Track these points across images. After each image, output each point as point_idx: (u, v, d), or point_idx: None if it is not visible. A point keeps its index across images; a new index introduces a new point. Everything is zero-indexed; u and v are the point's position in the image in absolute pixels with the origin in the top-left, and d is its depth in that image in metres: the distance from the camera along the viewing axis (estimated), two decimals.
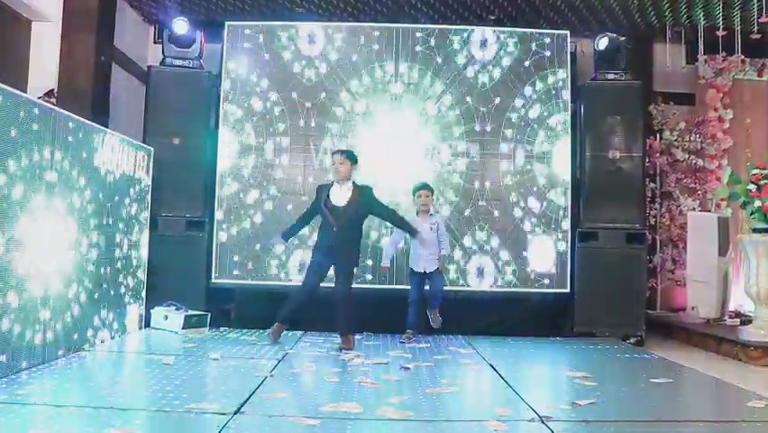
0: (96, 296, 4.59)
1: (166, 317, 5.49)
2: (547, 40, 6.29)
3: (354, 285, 5.22)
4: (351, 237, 5.09)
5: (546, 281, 6.11)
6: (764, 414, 3.17)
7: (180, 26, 6.07)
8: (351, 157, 5.14)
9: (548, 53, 6.27)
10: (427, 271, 5.51)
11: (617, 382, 3.91)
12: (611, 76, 6.24)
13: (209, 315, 5.65)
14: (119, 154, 4.96)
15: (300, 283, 5.30)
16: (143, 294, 5.54)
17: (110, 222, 4.83)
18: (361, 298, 5.51)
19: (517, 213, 6.17)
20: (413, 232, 5.28)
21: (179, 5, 6.75)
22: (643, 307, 6.08)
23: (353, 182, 5.13)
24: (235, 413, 2.95)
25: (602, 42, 6.27)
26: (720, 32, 6.73)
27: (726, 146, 7.41)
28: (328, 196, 5.08)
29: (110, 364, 4.14)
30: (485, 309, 6.03)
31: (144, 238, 5.56)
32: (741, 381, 4.10)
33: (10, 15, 5.52)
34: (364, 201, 5.10)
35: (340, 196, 5.07)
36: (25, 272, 3.63)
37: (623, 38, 6.30)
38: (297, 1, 6.60)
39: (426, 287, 5.56)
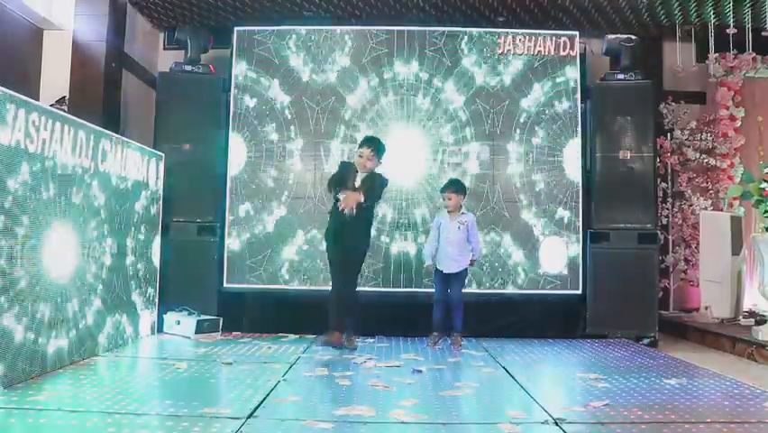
0: (108, 301, 4.61)
1: (178, 322, 5.51)
2: (556, 40, 6.27)
3: (368, 288, 5.18)
4: (359, 223, 4.91)
5: (558, 283, 6.09)
6: None
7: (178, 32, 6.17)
8: (380, 152, 4.95)
9: (557, 54, 6.26)
10: (446, 272, 5.36)
11: (631, 384, 3.88)
12: (621, 75, 6.21)
13: (221, 319, 5.67)
14: (130, 160, 4.99)
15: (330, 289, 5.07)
16: (155, 299, 5.57)
17: (122, 228, 4.86)
18: (373, 300, 5.55)
19: (528, 214, 6.16)
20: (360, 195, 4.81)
21: (189, 12, 6.79)
22: (655, 307, 6.03)
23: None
24: (249, 417, 2.95)
25: (611, 42, 6.25)
26: (731, 30, 6.69)
27: (737, 145, 7.36)
28: (354, 182, 4.88)
29: (123, 370, 4.15)
30: (497, 311, 6.02)
31: (156, 243, 5.58)
32: (756, 381, 4.06)
33: (22, 25, 5.57)
34: (370, 182, 4.91)
35: (358, 180, 4.93)
36: (37, 279, 3.66)
37: (625, 36, 6.28)
38: (305, 5, 6.63)
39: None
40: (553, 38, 6.28)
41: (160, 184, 5.64)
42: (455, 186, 5.43)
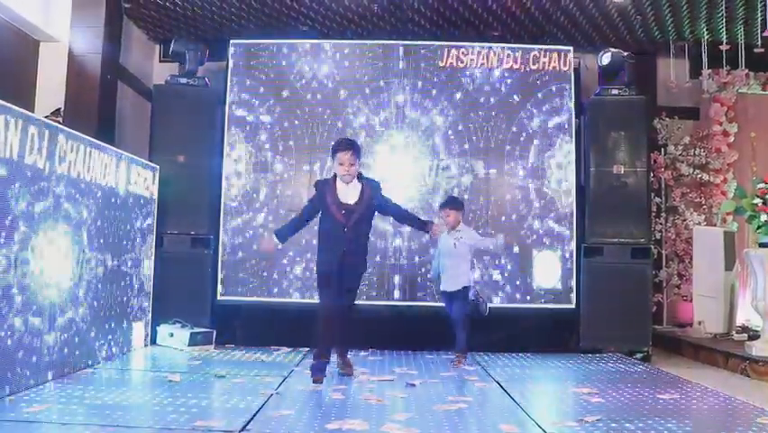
0: (101, 313, 4.59)
1: (171, 335, 5.50)
2: (551, 56, 6.31)
3: (362, 302, 5.19)
4: (362, 240, 4.57)
5: (552, 297, 6.09)
6: None
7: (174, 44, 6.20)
8: (360, 155, 4.56)
9: (552, 69, 6.30)
10: (447, 291, 5.21)
11: (624, 399, 3.88)
12: (615, 91, 6.24)
13: (214, 332, 5.65)
14: (124, 172, 4.99)
15: (323, 308, 4.52)
16: (149, 311, 5.55)
17: (116, 239, 4.85)
18: (367, 313, 5.52)
19: (522, 229, 6.17)
20: (424, 225, 4.70)
21: (184, 24, 6.81)
22: (649, 322, 6.04)
23: (359, 177, 4.56)
24: (241, 431, 2.94)
25: (606, 58, 6.29)
26: (724, 47, 6.74)
27: (731, 160, 7.41)
28: (336, 194, 4.47)
29: (115, 382, 4.13)
30: (491, 326, 6.00)
31: (150, 256, 5.57)
32: (749, 396, 4.07)
33: (19, 37, 5.58)
34: (375, 196, 4.55)
35: (349, 193, 4.48)
36: (31, 290, 3.64)
37: (626, 53, 6.32)
38: (300, 19, 6.66)
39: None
40: (548, 53, 6.32)
41: (154, 196, 5.64)
42: (454, 203, 5.33)
